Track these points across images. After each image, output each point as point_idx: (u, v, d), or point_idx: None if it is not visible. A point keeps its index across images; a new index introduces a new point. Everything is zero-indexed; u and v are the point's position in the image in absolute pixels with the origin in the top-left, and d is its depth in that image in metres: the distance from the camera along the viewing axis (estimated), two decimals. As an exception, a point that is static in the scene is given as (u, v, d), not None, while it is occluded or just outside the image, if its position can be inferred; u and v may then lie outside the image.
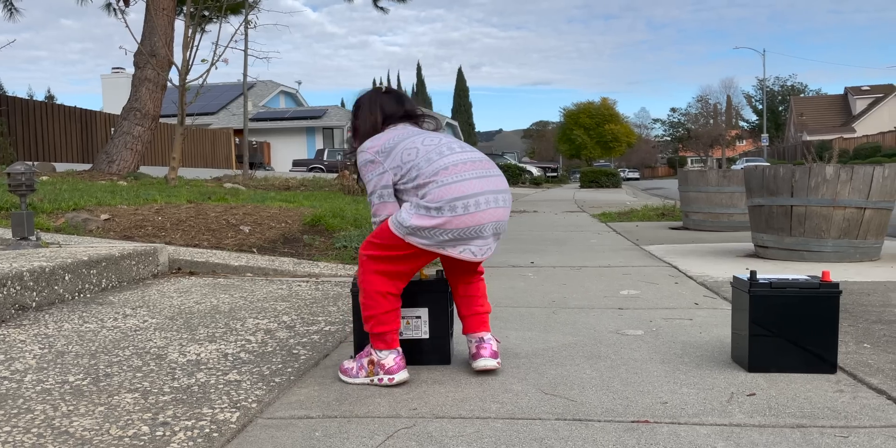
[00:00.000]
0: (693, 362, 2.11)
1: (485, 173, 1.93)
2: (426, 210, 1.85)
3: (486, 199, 1.88)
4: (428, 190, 1.87)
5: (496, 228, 1.92)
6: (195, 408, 1.74)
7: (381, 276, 1.94)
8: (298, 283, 3.69)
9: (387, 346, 1.94)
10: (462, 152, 1.96)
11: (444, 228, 1.85)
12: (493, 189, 1.92)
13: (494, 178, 1.95)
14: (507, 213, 1.95)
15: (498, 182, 1.95)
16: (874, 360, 2.07)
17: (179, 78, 8.34)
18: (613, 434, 1.54)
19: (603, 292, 3.38)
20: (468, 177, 1.89)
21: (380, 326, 1.94)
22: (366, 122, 2.09)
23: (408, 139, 1.97)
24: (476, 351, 2.04)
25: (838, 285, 1.97)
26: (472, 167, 1.92)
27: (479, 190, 1.88)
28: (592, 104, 39.60)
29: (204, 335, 2.51)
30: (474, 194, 1.87)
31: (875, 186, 4.16)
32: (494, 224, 1.90)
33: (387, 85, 2.17)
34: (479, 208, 1.87)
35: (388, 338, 1.95)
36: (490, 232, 1.90)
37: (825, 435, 1.52)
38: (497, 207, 1.90)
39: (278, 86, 33.36)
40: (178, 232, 4.73)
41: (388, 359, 1.92)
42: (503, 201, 1.93)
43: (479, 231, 1.88)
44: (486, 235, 1.90)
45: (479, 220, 1.87)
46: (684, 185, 7.00)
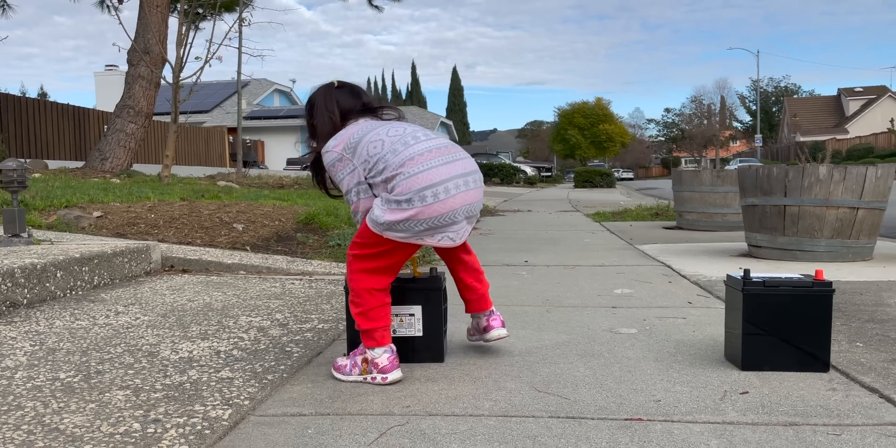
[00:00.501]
0: (686, 361, 2.11)
1: (450, 158, 1.91)
2: (396, 204, 1.84)
3: (456, 184, 1.88)
4: (396, 183, 1.85)
5: (468, 212, 1.92)
6: (187, 405, 1.73)
7: (367, 274, 1.94)
8: (292, 282, 3.68)
9: (377, 343, 1.93)
10: (427, 140, 1.94)
11: (417, 219, 1.84)
12: (461, 172, 1.91)
13: (461, 161, 1.93)
14: (478, 193, 1.94)
15: (465, 165, 1.93)
16: (867, 359, 2.07)
17: (173, 75, 8.31)
18: (607, 432, 1.54)
19: (597, 291, 3.38)
20: (434, 164, 1.87)
21: (368, 323, 1.93)
22: (324, 121, 2.05)
23: (371, 132, 1.95)
24: (488, 323, 2.17)
25: (831, 284, 1.98)
26: (438, 154, 1.90)
27: (446, 176, 1.87)
28: (587, 104, 39.64)
29: (196, 333, 2.50)
30: (442, 181, 1.86)
31: (868, 186, 4.18)
32: (466, 208, 1.91)
33: (339, 80, 2.12)
34: (449, 194, 1.86)
35: (377, 334, 1.94)
36: (463, 216, 1.91)
37: (818, 433, 1.52)
38: (467, 190, 1.90)
39: (272, 84, 33.30)
40: (171, 229, 4.71)
41: (381, 357, 1.91)
42: (473, 182, 1.92)
43: (452, 217, 1.88)
44: (460, 220, 1.91)
45: (450, 206, 1.86)
46: (678, 184, 7.02)
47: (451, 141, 2.03)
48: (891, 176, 4.29)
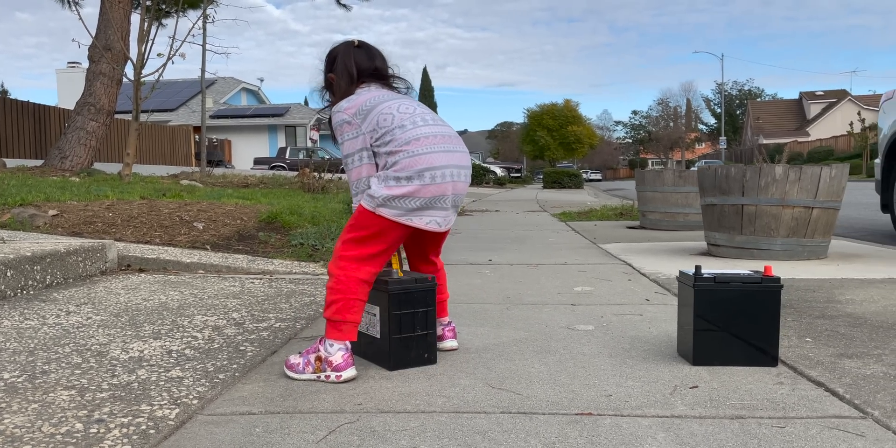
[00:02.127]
0: (640, 356, 2.13)
1: (452, 148, 1.99)
2: (396, 180, 1.90)
3: (452, 173, 1.95)
4: (398, 159, 1.91)
5: (455, 200, 1.99)
6: (133, 405, 1.69)
7: (357, 262, 1.93)
8: (252, 281, 3.64)
9: (344, 336, 1.91)
10: (434, 125, 2.00)
11: (413, 196, 1.90)
12: (458, 164, 1.99)
13: (460, 154, 2.01)
14: (466, 187, 2.03)
15: (462, 158, 2.02)
16: (815, 354, 2.11)
17: (134, 72, 8.16)
18: (556, 426, 1.54)
19: (557, 289, 3.40)
20: (437, 149, 1.95)
21: (343, 313, 1.91)
22: (342, 77, 2.08)
23: (384, 103, 1.99)
24: (442, 333, 2.21)
25: (779, 280, 2.01)
26: (442, 141, 1.97)
27: (445, 163, 1.94)
28: (556, 106, 39.90)
29: (149, 332, 2.46)
30: (441, 167, 1.93)
31: (822, 186, 4.26)
32: (454, 196, 1.98)
33: (359, 39, 2.14)
34: (445, 180, 1.93)
35: (346, 328, 1.92)
36: (450, 203, 1.98)
37: (763, 425, 1.54)
38: (458, 181, 1.98)
39: (240, 83, 32.94)
40: (128, 228, 4.63)
41: (336, 355, 1.89)
42: (464, 177, 2.01)
43: (442, 201, 1.95)
44: (448, 206, 1.98)
45: (443, 190, 1.93)
46: (641, 185, 7.10)
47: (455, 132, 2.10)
48: (844, 176, 4.39)
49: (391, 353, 1.99)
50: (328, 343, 1.92)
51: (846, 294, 3.13)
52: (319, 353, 1.92)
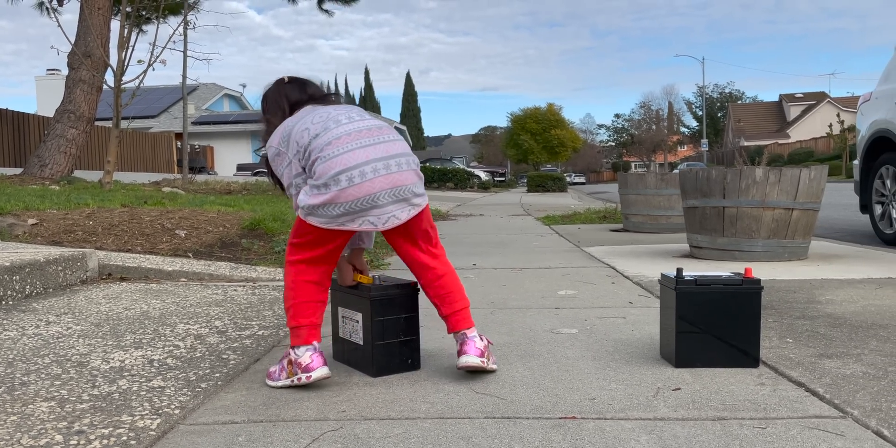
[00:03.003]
0: (623, 359, 2.14)
1: (373, 141, 1.87)
2: (316, 188, 1.83)
3: (374, 168, 1.82)
4: (316, 166, 1.83)
5: (394, 195, 1.84)
6: (114, 415, 1.68)
7: (304, 265, 1.93)
8: (234, 288, 3.61)
9: (302, 341, 1.90)
10: (350, 123, 1.90)
11: (333, 204, 1.81)
12: (383, 156, 1.85)
13: (385, 144, 1.88)
14: (404, 177, 1.86)
15: (389, 148, 1.88)
16: (795, 354, 2.13)
17: (115, 79, 8.10)
18: (540, 431, 1.55)
19: (541, 293, 3.41)
20: (352, 147, 1.84)
21: (295, 319, 1.91)
22: (275, 114, 2.05)
23: (301, 120, 1.93)
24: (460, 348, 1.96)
25: (759, 281, 2.03)
26: (360, 136, 1.87)
27: (364, 159, 1.82)
28: (539, 110, 40.02)
29: (130, 341, 2.43)
30: (358, 165, 1.81)
31: (802, 188, 4.31)
32: (390, 191, 1.83)
33: (290, 75, 2.11)
34: (366, 178, 1.81)
35: (302, 332, 1.91)
36: (387, 200, 1.83)
37: (744, 426, 1.55)
38: (389, 174, 1.83)
39: (222, 89, 32.79)
40: (109, 237, 4.58)
41: (304, 356, 1.88)
42: (397, 165, 1.86)
43: (372, 201, 1.82)
44: (383, 204, 1.83)
45: (367, 190, 1.81)
46: (624, 188, 7.14)
47: (384, 122, 1.98)
48: (824, 178, 4.44)
49: (374, 360, 1.99)
50: (294, 347, 1.92)
51: (826, 294, 3.17)
52: (290, 357, 1.92)
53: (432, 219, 2.03)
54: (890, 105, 5.91)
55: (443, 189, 24.82)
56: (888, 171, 5.92)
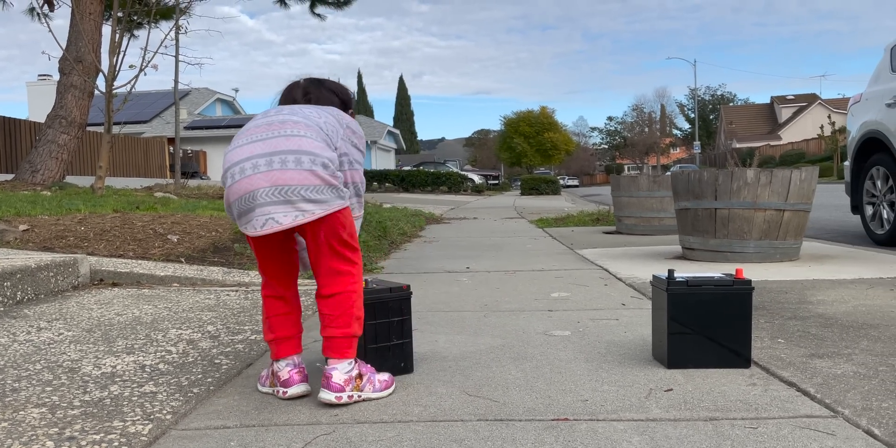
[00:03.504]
0: (616, 360, 2.14)
1: (265, 136, 1.73)
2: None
3: (254, 164, 1.69)
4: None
5: (276, 195, 1.66)
6: (105, 421, 1.67)
7: (263, 278, 1.93)
8: (227, 293, 3.61)
9: (279, 355, 1.87)
10: (263, 117, 1.81)
11: (227, 204, 1.75)
12: (268, 151, 1.69)
13: (276, 139, 1.71)
14: (287, 176, 1.67)
15: (279, 143, 1.70)
16: (787, 355, 2.14)
17: (106, 84, 8.08)
18: (533, 433, 1.55)
19: (534, 295, 3.41)
20: (241, 143, 1.75)
21: (266, 334, 1.92)
22: None
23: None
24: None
25: (750, 282, 2.04)
26: (256, 131, 1.76)
27: (245, 155, 1.71)
28: (532, 113, 40.16)
29: (122, 347, 2.42)
30: (238, 161, 1.71)
31: (793, 189, 4.33)
32: (269, 189, 1.66)
33: (307, 77, 2.06)
34: (245, 175, 1.69)
35: (273, 346, 1.89)
36: (266, 199, 1.67)
37: (735, 426, 1.56)
38: (270, 171, 1.67)
39: (214, 93, 32.73)
40: (101, 242, 4.57)
41: (283, 371, 1.85)
42: (280, 163, 1.67)
43: (251, 200, 1.68)
44: (261, 203, 1.67)
45: (244, 188, 1.68)
46: (617, 190, 7.16)
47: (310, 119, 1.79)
48: (814, 179, 4.46)
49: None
50: (274, 361, 1.90)
51: (817, 295, 3.18)
52: (272, 367, 1.91)
53: (349, 230, 1.78)
54: (880, 106, 5.94)
55: (436, 192, 24.82)
56: (879, 172, 5.96)
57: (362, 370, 1.83)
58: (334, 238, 1.76)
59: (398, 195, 20.76)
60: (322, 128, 1.79)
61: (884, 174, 5.88)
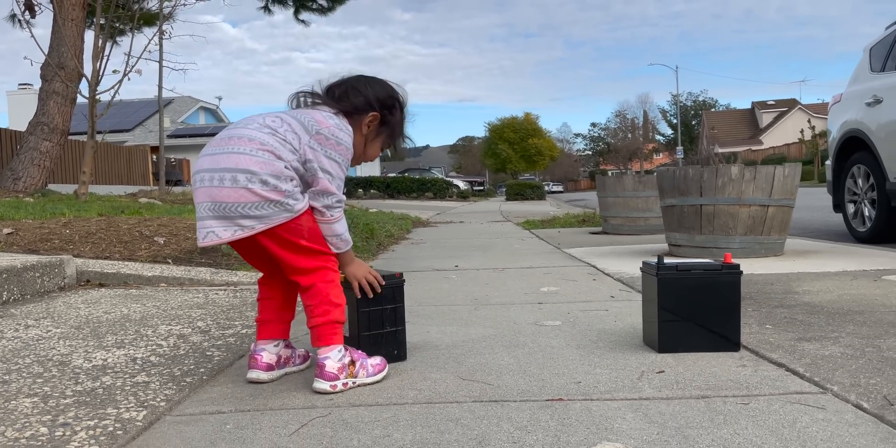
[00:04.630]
0: (607, 347, 2.16)
1: (218, 150, 1.78)
2: None
3: (202, 178, 1.77)
4: None
5: (216, 210, 1.73)
6: (99, 409, 1.66)
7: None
8: (216, 292, 3.59)
9: (257, 336, 1.95)
10: (232, 129, 1.84)
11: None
12: (212, 167, 1.75)
13: (220, 156, 1.76)
14: (223, 193, 1.72)
15: (220, 160, 1.75)
16: (775, 339, 2.17)
17: (89, 89, 8.03)
18: (528, 412, 1.56)
19: (524, 290, 3.43)
20: (204, 153, 1.82)
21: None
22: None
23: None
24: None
25: (739, 266, 2.07)
26: (213, 144, 1.82)
27: (200, 167, 1.79)
28: (516, 119, 40.33)
29: (112, 342, 2.41)
30: (196, 173, 1.81)
31: (777, 185, 4.39)
32: (210, 204, 1.74)
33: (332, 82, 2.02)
34: (195, 187, 1.79)
35: (258, 327, 1.96)
36: (207, 213, 1.75)
37: (727, 403, 1.58)
38: (211, 187, 1.74)
39: (197, 102, 32.60)
40: (87, 245, 4.53)
41: (253, 354, 1.91)
42: (218, 180, 1.73)
43: (198, 211, 1.78)
44: (203, 217, 1.76)
45: (194, 199, 1.80)
46: (602, 191, 7.20)
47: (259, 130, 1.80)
48: (797, 175, 4.52)
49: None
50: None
51: (803, 286, 3.22)
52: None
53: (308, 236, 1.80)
54: (860, 105, 6.04)
55: (422, 199, 24.84)
56: (860, 171, 6.04)
57: (354, 356, 1.83)
58: (289, 247, 1.79)
59: (383, 201, 20.75)
60: (278, 137, 1.78)
61: (865, 172, 5.97)
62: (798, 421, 1.44)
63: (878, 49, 6.37)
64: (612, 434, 1.40)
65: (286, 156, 1.77)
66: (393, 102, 2.00)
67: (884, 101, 5.69)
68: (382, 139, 2.03)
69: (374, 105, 1.96)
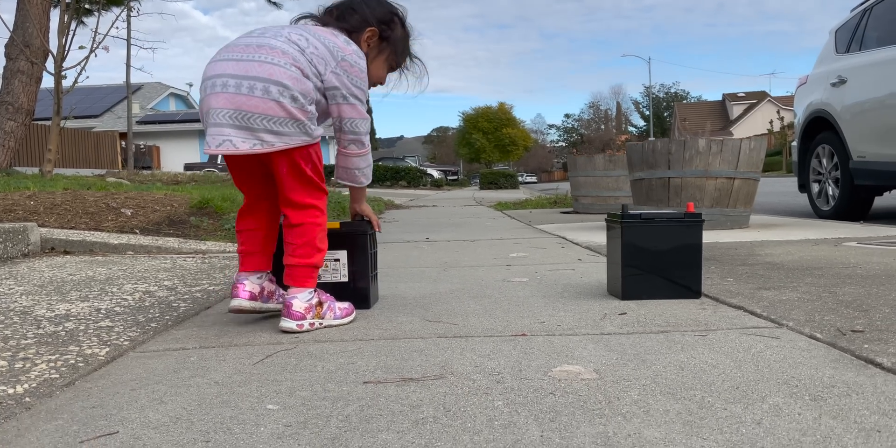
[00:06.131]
0: (572, 296, 2.19)
1: (240, 56, 1.70)
2: None
3: (224, 83, 1.68)
4: None
5: (237, 119, 1.66)
6: (61, 347, 1.65)
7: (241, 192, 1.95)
8: (184, 259, 3.56)
9: (239, 268, 1.90)
10: (248, 37, 1.77)
11: (200, 114, 1.77)
12: (239, 73, 1.68)
13: (249, 63, 1.68)
14: (253, 103, 1.66)
15: (250, 67, 1.68)
16: (736, 288, 2.22)
17: (55, 65, 7.87)
18: (491, 344, 1.58)
19: (493, 256, 3.45)
20: (219, 58, 1.73)
21: (238, 247, 1.93)
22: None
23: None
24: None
25: (700, 215, 2.11)
26: (234, 49, 1.74)
27: (220, 71, 1.70)
28: (490, 108, 40.33)
29: (76, 297, 2.38)
30: (213, 77, 1.71)
31: (742, 158, 4.46)
32: (231, 112, 1.66)
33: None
34: (214, 91, 1.69)
35: (239, 260, 1.91)
36: (225, 120, 1.67)
37: (686, 335, 1.61)
38: (237, 94, 1.66)
39: (168, 88, 32.08)
40: (52, 216, 4.46)
41: (237, 283, 1.87)
42: (248, 89, 1.66)
43: (214, 116, 1.68)
44: (220, 123, 1.67)
45: (209, 104, 1.69)
46: (573, 170, 7.26)
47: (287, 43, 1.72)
48: (763, 148, 4.60)
49: (371, 291, 2.06)
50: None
51: (766, 250, 3.29)
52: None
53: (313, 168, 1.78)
54: (825, 86, 6.15)
55: (395, 187, 24.77)
56: (824, 150, 6.16)
57: (322, 298, 1.83)
58: (295, 173, 1.77)
59: (357, 188, 20.60)
60: (306, 57, 1.73)
61: (829, 152, 6.08)
62: (753, 347, 1.48)
63: (843, 31, 6.48)
64: (573, 359, 1.43)
65: (311, 77, 1.73)
66: (391, 17, 1.97)
67: (848, 82, 5.80)
68: (386, 57, 1.97)
69: (371, 21, 1.92)
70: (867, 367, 1.32)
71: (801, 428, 1.02)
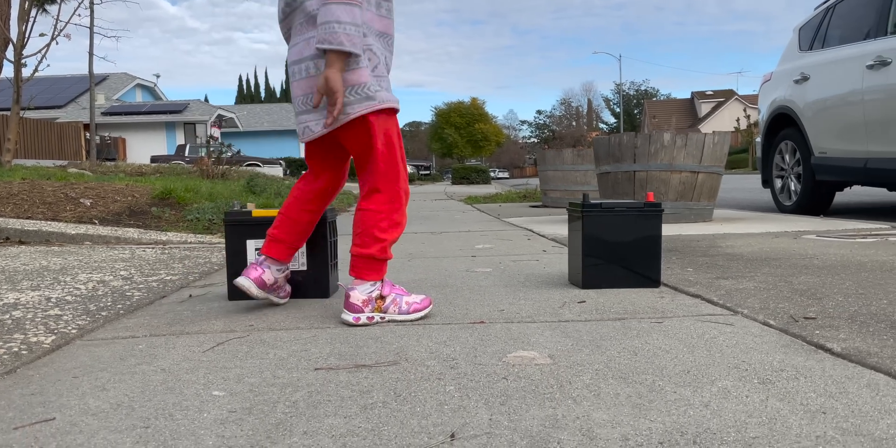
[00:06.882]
0: (533, 286, 2.19)
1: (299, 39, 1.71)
2: None
3: (297, 70, 1.70)
4: None
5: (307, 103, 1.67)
6: (5, 335, 1.59)
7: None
8: (143, 249, 3.49)
9: (262, 249, 1.84)
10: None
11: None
12: (296, 58, 1.71)
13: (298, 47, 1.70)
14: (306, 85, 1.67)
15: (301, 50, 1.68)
16: (694, 278, 2.23)
17: (14, 53, 7.67)
18: (449, 331, 1.57)
19: (459, 247, 3.44)
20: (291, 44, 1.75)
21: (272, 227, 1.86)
22: None
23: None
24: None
25: (660, 205, 2.11)
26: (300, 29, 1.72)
27: (292, 58, 1.72)
28: (463, 104, 40.32)
29: (27, 286, 2.32)
30: (289, 64, 1.73)
31: (707, 152, 4.51)
32: (303, 98, 1.68)
33: None
34: (294, 79, 1.71)
35: (266, 241, 1.85)
36: (301, 108, 1.70)
37: (642, 322, 1.62)
38: (301, 80, 1.68)
39: (134, 78, 31.49)
40: (7, 205, 4.34)
41: (252, 264, 1.82)
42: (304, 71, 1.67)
43: (295, 107, 1.71)
44: (298, 111, 1.71)
45: (293, 92, 1.73)
46: (542, 164, 7.28)
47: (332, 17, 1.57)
48: (726, 143, 4.65)
49: (330, 279, 2.03)
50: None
51: (727, 242, 3.33)
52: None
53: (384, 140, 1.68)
54: (789, 83, 6.24)
55: (367, 181, 24.61)
56: (787, 146, 6.25)
57: (384, 291, 1.71)
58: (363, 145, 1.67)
59: (328, 182, 20.48)
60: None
61: (792, 148, 6.18)
62: (707, 333, 1.49)
63: (807, 29, 6.58)
64: (529, 345, 1.42)
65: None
66: None
67: (811, 78, 5.89)
68: None
69: None
70: (817, 351, 1.34)
71: (747, 410, 1.02)
